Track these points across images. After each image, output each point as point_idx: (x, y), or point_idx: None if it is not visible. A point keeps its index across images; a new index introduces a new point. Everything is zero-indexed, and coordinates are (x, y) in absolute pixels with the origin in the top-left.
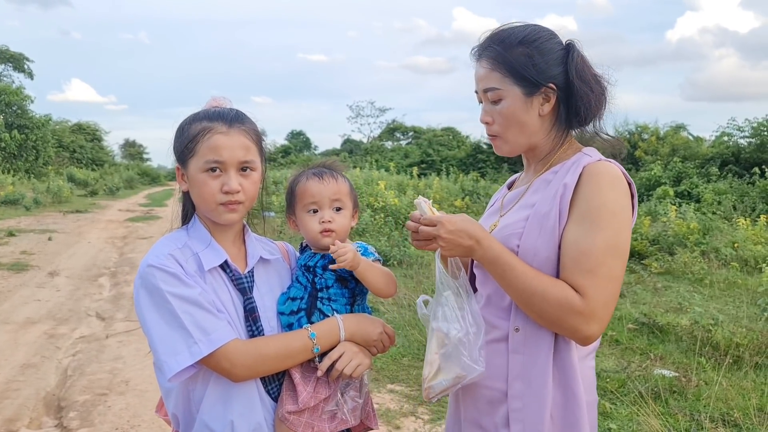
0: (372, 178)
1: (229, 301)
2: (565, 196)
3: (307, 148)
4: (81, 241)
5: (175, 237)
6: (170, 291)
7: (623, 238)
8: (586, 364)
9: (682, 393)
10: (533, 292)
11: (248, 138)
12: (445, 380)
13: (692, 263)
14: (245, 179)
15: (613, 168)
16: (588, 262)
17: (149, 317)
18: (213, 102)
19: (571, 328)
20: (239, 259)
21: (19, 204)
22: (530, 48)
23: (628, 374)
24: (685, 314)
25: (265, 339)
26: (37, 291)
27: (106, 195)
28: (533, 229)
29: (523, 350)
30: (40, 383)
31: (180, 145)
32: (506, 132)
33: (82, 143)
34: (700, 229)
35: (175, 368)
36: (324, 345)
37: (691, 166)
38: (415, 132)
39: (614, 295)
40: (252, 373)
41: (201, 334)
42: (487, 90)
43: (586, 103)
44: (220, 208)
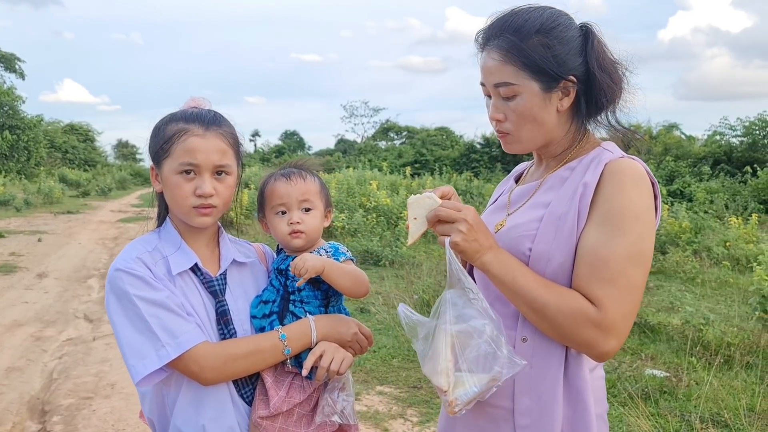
0: (365, 178)
1: (200, 305)
2: (585, 196)
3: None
4: (71, 242)
5: (146, 240)
6: (137, 294)
7: (647, 244)
8: (597, 374)
9: (673, 393)
10: (545, 302)
11: (224, 141)
12: (476, 386)
13: (684, 262)
14: (220, 183)
15: (637, 166)
16: (607, 270)
17: (118, 321)
18: (192, 102)
19: (586, 343)
20: (212, 262)
21: (9, 205)
22: (549, 37)
23: (618, 375)
24: (677, 314)
25: (234, 341)
26: (25, 293)
27: (98, 196)
28: (548, 231)
29: (532, 362)
30: (24, 387)
31: (155, 146)
32: (520, 130)
33: (74, 144)
34: (692, 228)
35: (143, 372)
36: (295, 347)
37: (684, 165)
38: (409, 132)
39: (634, 306)
40: (221, 375)
41: (169, 337)
42: (499, 85)
43: (609, 94)
44: (193, 211)
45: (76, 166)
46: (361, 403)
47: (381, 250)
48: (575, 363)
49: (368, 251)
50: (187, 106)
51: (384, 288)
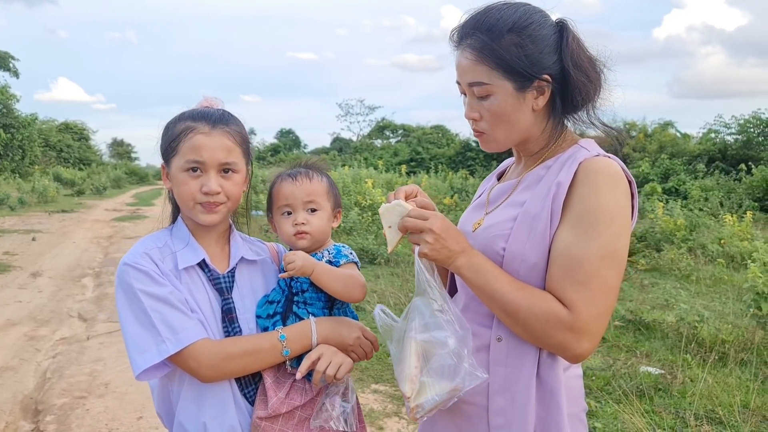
0: (360, 176)
1: (206, 301)
2: (558, 196)
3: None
4: (66, 241)
5: (157, 236)
6: (141, 289)
7: (621, 245)
8: (571, 373)
9: (668, 390)
10: (518, 305)
11: (231, 139)
12: (437, 395)
13: (679, 260)
14: (226, 181)
15: (613, 164)
16: (580, 272)
17: (123, 315)
18: (204, 102)
19: (559, 345)
20: (221, 259)
21: (3, 204)
22: (522, 36)
23: (613, 372)
24: (672, 311)
25: (233, 339)
26: (19, 292)
27: (93, 194)
28: (522, 231)
29: (506, 362)
30: (17, 386)
31: (164, 144)
32: (495, 130)
33: (69, 142)
34: (687, 226)
35: (142, 366)
36: (294, 348)
37: (679, 162)
38: (405, 130)
39: (608, 308)
40: (218, 373)
41: (169, 332)
42: (472, 84)
43: (583, 92)
44: (198, 207)
45: (71, 164)
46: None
47: (376, 248)
48: (549, 363)
49: (364, 249)
50: (199, 105)
51: (379, 286)
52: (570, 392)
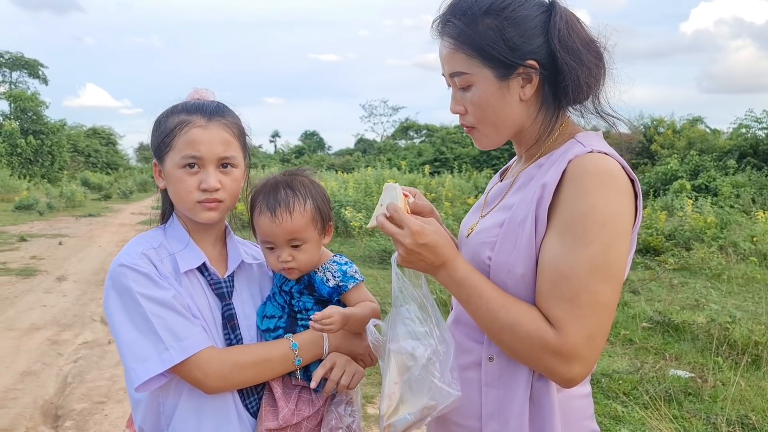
0: (383, 177)
1: (206, 307)
2: (543, 200)
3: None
4: (91, 245)
5: (151, 236)
6: (142, 292)
7: (615, 255)
8: (573, 393)
9: (698, 395)
10: (501, 325)
11: (229, 132)
12: (410, 414)
13: (709, 258)
14: (225, 176)
15: (606, 162)
16: (567, 287)
17: (118, 320)
18: (194, 94)
19: (547, 369)
20: (219, 262)
21: (32, 209)
22: (499, 19)
23: (641, 376)
24: (702, 311)
25: (242, 348)
26: (44, 296)
27: (120, 198)
28: (507, 239)
29: (498, 384)
30: (38, 391)
31: (156, 140)
32: (483, 124)
33: (96, 147)
34: (718, 223)
35: (143, 376)
36: (306, 357)
37: (709, 159)
38: (429, 130)
39: (602, 326)
40: (226, 384)
41: (173, 339)
42: (453, 74)
43: (574, 79)
44: (198, 206)
45: (99, 169)
46: (375, 405)
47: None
48: (540, 384)
49: (386, 251)
50: (189, 97)
51: None
52: (570, 415)
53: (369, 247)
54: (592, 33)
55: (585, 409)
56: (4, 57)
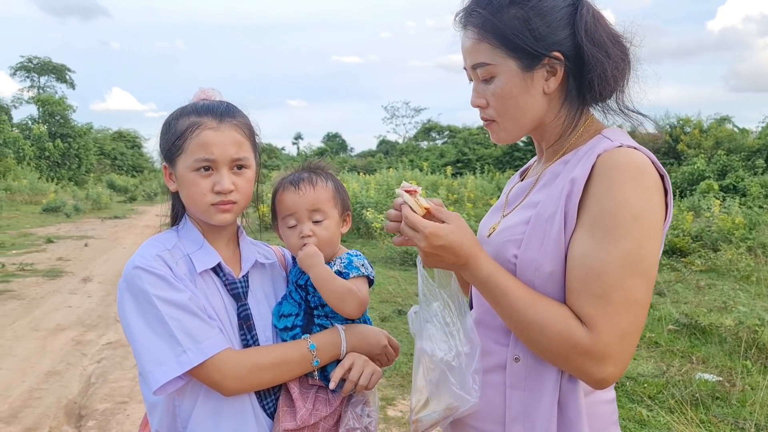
0: (405, 179)
1: (222, 308)
2: (572, 195)
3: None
4: (116, 246)
5: (165, 238)
6: (158, 295)
7: (648, 250)
8: (596, 399)
9: (726, 399)
10: (529, 323)
11: (240, 133)
12: (435, 412)
13: (738, 260)
14: (238, 177)
15: (637, 157)
16: (599, 284)
17: (134, 323)
18: (201, 94)
19: (578, 369)
20: (233, 263)
21: (60, 211)
22: (525, 8)
23: (666, 379)
24: (730, 314)
25: (259, 349)
26: (69, 297)
27: (145, 200)
28: (535, 236)
29: (524, 385)
30: (62, 391)
31: (167, 143)
32: (503, 117)
33: (122, 150)
34: (746, 224)
35: (161, 379)
36: (324, 357)
37: (737, 158)
38: (451, 131)
39: (635, 324)
40: (244, 385)
41: (190, 342)
42: (475, 66)
43: (600, 72)
44: (212, 209)
45: (124, 172)
46: (396, 408)
47: (416, 250)
48: (569, 386)
49: (407, 252)
50: (196, 98)
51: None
52: (596, 420)
53: (390, 249)
54: (617, 29)
55: (610, 415)
56: (32, 62)
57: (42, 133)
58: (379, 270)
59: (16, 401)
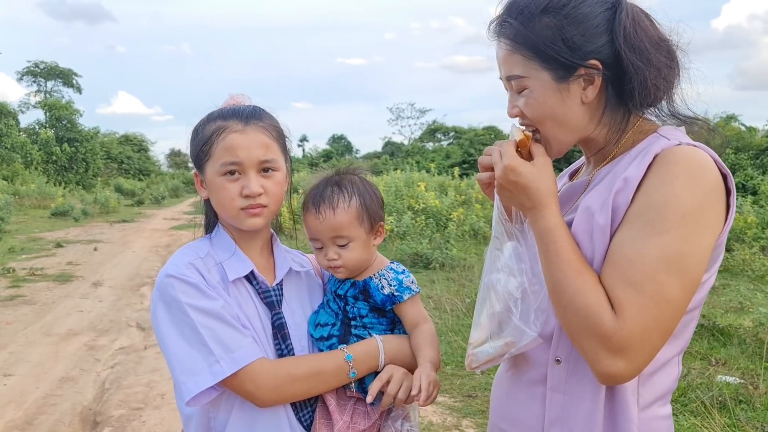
0: (412, 180)
1: (255, 316)
2: (624, 192)
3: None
4: (125, 250)
5: (197, 246)
6: (190, 303)
7: (691, 249)
8: (655, 413)
9: (749, 402)
10: (566, 286)
11: (267, 135)
12: (492, 347)
13: (752, 260)
14: (267, 180)
15: (697, 154)
16: (632, 271)
17: (167, 332)
18: (231, 100)
19: (590, 354)
20: (267, 270)
21: (68, 215)
22: (558, 17)
23: (688, 382)
24: (747, 315)
25: (294, 359)
26: (81, 302)
27: (152, 204)
28: (582, 231)
29: (564, 389)
30: (77, 397)
31: (195, 149)
32: (542, 127)
33: (129, 154)
34: (759, 223)
35: (194, 390)
36: (361, 369)
37: (745, 157)
38: (456, 132)
39: (661, 323)
40: (279, 396)
41: (223, 351)
42: (509, 78)
43: (640, 81)
44: (242, 213)
45: (131, 175)
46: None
47: (431, 252)
48: (622, 398)
49: (418, 254)
50: (226, 104)
51: (435, 292)
52: None
53: (400, 251)
54: (663, 31)
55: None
56: (39, 67)
57: (49, 137)
58: None
59: (31, 408)
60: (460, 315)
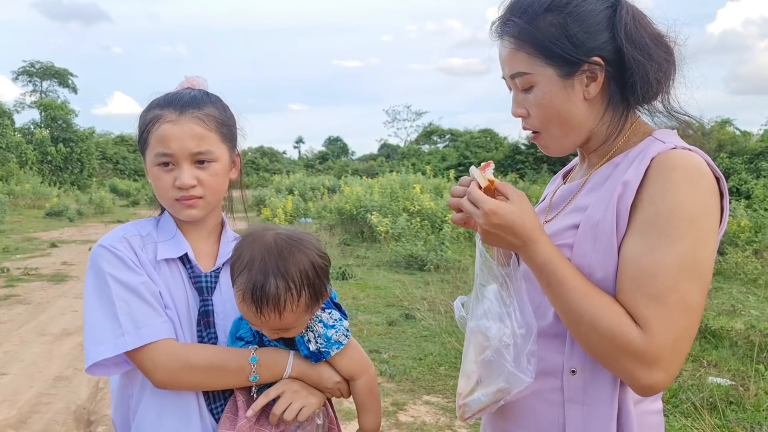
0: (408, 182)
1: (183, 300)
2: (624, 197)
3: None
4: None
5: (142, 224)
6: (112, 274)
7: (703, 254)
8: (646, 408)
9: (740, 404)
10: (580, 315)
11: (202, 125)
12: (484, 395)
13: (744, 263)
14: (202, 172)
15: (693, 158)
16: (654, 285)
17: (88, 299)
18: (186, 83)
19: (626, 372)
20: (209, 258)
21: (63, 216)
22: (562, 14)
23: (679, 383)
24: (739, 317)
25: (200, 348)
26: (75, 302)
27: (148, 204)
28: (585, 240)
29: (583, 399)
30: (71, 396)
31: (137, 136)
32: (547, 127)
33: (124, 155)
34: (752, 227)
35: (94, 357)
36: (264, 375)
37: (739, 161)
38: (452, 134)
39: (689, 330)
40: (173, 381)
41: (131, 325)
42: (513, 76)
43: (642, 75)
44: (177, 204)
45: (127, 176)
46: (407, 413)
47: (426, 254)
48: (623, 397)
49: (413, 256)
50: (180, 87)
51: (429, 293)
52: (647, 430)
53: (396, 253)
54: (660, 28)
55: (658, 427)
56: (35, 67)
57: (44, 137)
58: (384, 274)
59: (25, 407)
60: (454, 316)
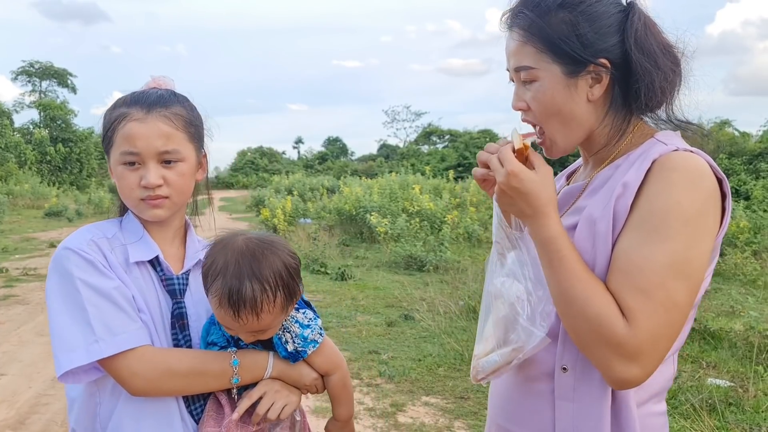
0: (407, 183)
1: (156, 303)
2: (624, 197)
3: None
4: None
5: (105, 226)
6: (83, 279)
7: (695, 254)
8: (648, 410)
9: (739, 405)
10: (573, 297)
11: (169, 124)
12: (499, 355)
13: (744, 264)
14: (169, 171)
15: (694, 160)
16: (641, 279)
17: (54, 304)
18: (152, 82)
19: (603, 361)
20: (176, 259)
21: (62, 215)
22: (574, 13)
23: (679, 384)
24: (738, 318)
25: (179, 353)
26: None
27: None
28: (584, 240)
29: (573, 396)
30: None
31: (102, 135)
32: (547, 123)
33: None
34: (751, 228)
35: (66, 366)
36: (245, 377)
37: (738, 162)
38: (452, 135)
39: (671, 328)
40: (153, 389)
41: (106, 332)
42: (518, 69)
43: (648, 83)
44: (142, 204)
45: None
46: (407, 414)
47: (425, 255)
48: (623, 396)
49: (412, 256)
50: (146, 86)
51: (428, 294)
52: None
53: (395, 253)
54: (669, 38)
55: (662, 429)
56: (34, 67)
57: (43, 137)
58: (384, 275)
59: (23, 407)
60: (453, 317)
